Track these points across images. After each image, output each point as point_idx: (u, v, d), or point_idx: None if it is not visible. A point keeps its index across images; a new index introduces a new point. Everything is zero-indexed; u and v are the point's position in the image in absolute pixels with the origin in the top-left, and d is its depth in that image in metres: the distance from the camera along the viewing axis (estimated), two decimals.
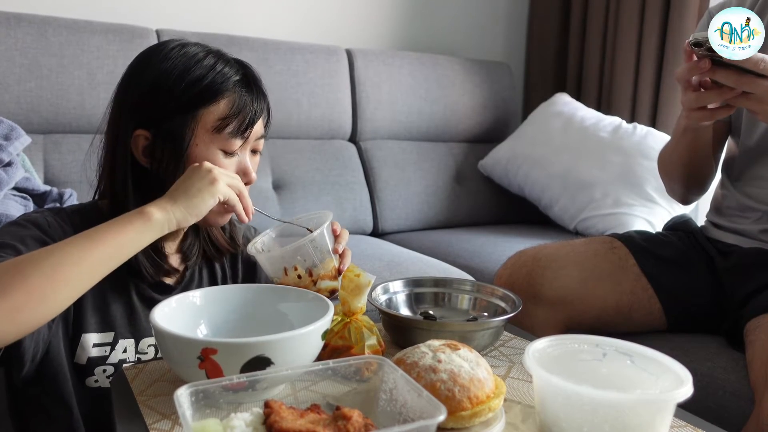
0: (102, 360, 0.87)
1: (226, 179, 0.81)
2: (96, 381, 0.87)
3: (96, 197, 0.93)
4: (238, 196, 0.82)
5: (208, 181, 0.79)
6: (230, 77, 0.87)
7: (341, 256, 0.87)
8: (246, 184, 0.88)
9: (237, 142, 0.87)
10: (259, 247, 0.89)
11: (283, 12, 2.24)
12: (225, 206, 0.82)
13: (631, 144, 2.04)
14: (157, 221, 0.75)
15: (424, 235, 2.12)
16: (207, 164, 0.81)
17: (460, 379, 0.61)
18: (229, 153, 0.87)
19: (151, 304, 0.87)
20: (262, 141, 0.93)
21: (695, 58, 0.92)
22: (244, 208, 0.83)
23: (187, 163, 0.85)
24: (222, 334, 0.76)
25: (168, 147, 0.85)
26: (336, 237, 0.89)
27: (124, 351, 0.88)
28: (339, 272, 0.86)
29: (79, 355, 0.86)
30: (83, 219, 0.86)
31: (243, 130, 0.87)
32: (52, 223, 0.83)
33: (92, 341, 0.86)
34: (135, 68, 0.88)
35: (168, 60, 0.85)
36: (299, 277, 0.84)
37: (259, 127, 0.90)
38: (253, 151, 0.93)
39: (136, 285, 0.90)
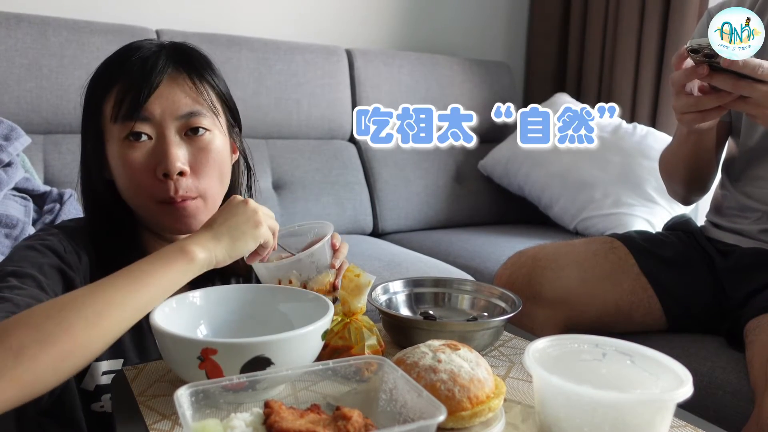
0: (110, 387, 0.83)
1: (269, 221, 0.77)
2: (102, 407, 0.85)
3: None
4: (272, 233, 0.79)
5: (253, 223, 0.75)
6: (123, 63, 0.80)
7: (338, 270, 0.85)
8: (166, 175, 0.79)
9: (135, 124, 0.78)
10: None
11: (283, 12, 2.24)
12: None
13: (631, 144, 2.04)
14: (200, 262, 0.70)
15: (424, 235, 2.12)
16: (252, 203, 0.76)
17: (460, 379, 0.61)
18: (132, 137, 0.78)
19: None
20: (202, 119, 0.81)
21: (685, 65, 0.92)
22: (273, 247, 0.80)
23: (111, 164, 0.82)
24: (222, 335, 0.76)
25: (95, 149, 0.83)
26: (335, 251, 0.86)
27: None
28: (334, 287, 0.83)
29: (86, 382, 0.84)
30: (94, 240, 0.84)
31: (134, 110, 0.77)
32: (68, 248, 0.79)
33: (102, 369, 0.84)
34: None
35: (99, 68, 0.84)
36: None
37: (176, 102, 0.79)
38: (193, 130, 0.81)
39: None
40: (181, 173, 0.80)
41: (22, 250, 0.76)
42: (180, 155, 0.80)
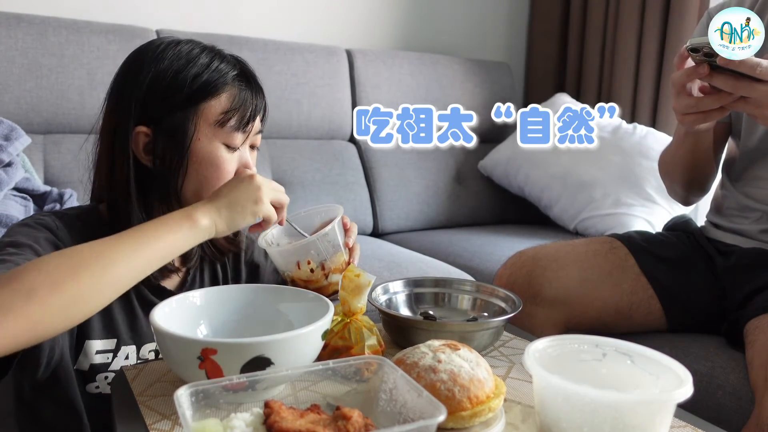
0: (104, 367, 0.86)
1: (272, 195, 0.82)
2: (97, 387, 0.86)
3: (91, 200, 0.91)
4: (278, 208, 0.84)
5: (254, 199, 0.80)
6: (228, 72, 0.87)
7: (351, 249, 0.89)
8: None
9: (239, 137, 0.87)
10: (269, 240, 0.90)
11: (283, 12, 2.24)
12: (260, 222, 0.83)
13: (631, 144, 2.04)
14: (203, 228, 0.76)
15: (424, 235, 2.12)
16: (258, 178, 0.82)
17: (460, 379, 0.61)
18: (231, 148, 0.86)
19: (152, 309, 0.86)
20: (259, 136, 0.93)
21: (688, 64, 0.92)
22: (279, 221, 0.85)
23: (192, 159, 0.85)
24: (222, 335, 0.76)
25: (170, 143, 0.84)
26: (346, 231, 0.90)
27: (126, 358, 0.88)
28: (349, 265, 0.87)
29: (81, 362, 0.85)
30: (85, 225, 0.85)
31: (245, 125, 0.87)
32: (60, 227, 0.82)
33: (96, 348, 0.85)
34: (129, 68, 0.86)
35: (164, 59, 0.85)
36: (312, 270, 0.85)
37: (257, 123, 0.90)
38: (252, 147, 0.92)
39: (137, 290, 0.89)
40: None
41: (16, 227, 0.80)
42: None
